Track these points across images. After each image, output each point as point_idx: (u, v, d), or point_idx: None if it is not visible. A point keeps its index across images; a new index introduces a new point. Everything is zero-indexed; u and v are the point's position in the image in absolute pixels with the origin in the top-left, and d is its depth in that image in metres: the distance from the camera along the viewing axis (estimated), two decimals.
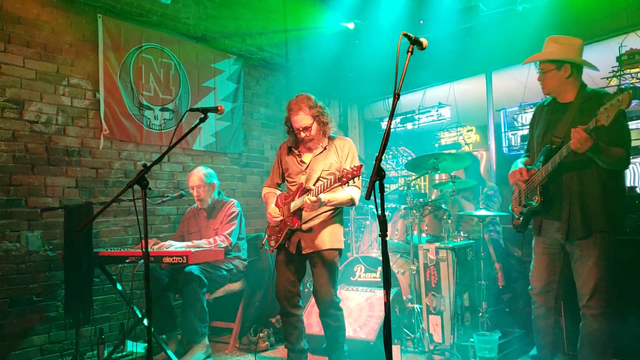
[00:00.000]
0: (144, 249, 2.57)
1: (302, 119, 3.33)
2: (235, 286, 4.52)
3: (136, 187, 2.59)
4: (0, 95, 4.00)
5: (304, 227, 3.38)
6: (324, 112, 3.39)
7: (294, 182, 3.49)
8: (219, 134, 5.71)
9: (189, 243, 4.11)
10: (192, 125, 2.91)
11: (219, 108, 2.92)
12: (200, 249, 3.77)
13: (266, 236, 3.57)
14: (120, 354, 4.02)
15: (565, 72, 2.93)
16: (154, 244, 4.08)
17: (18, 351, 3.97)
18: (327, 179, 3.22)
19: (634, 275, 3.26)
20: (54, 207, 4.12)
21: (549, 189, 2.96)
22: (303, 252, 3.40)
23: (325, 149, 3.43)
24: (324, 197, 3.16)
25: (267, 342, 4.45)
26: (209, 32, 5.67)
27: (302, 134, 3.38)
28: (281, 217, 3.40)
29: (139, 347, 4.16)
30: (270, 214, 3.46)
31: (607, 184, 2.85)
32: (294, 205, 3.31)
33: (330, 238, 3.38)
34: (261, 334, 4.44)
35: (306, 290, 4.85)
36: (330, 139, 3.48)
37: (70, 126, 4.43)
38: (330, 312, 3.39)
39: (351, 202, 3.37)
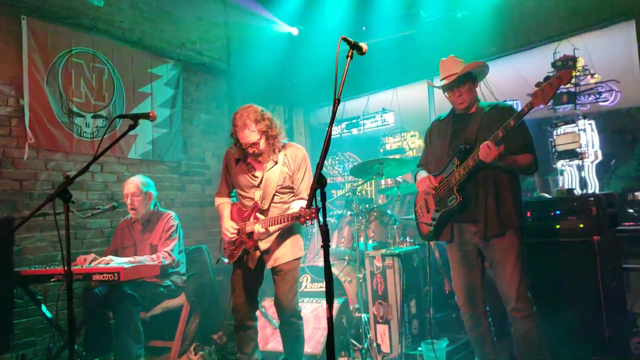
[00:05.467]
0: (65, 267, 2.36)
1: (249, 136, 3.16)
2: (174, 302, 4.26)
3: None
4: None
5: (262, 247, 3.30)
6: (273, 124, 3.24)
7: (248, 197, 3.36)
8: (155, 141, 5.45)
9: (131, 259, 3.83)
10: (122, 134, 2.72)
11: (151, 114, 2.73)
12: (137, 264, 3.53)
13: (221, 250, 3.46)
14: None
15: (476, 86, 3.14)
16: (92, 260, 3.75)
17: None
18: (283, 193, 3.28)
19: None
20: None
21: (466, 189, 2.99)
22: (267, 268, 3.33)
23: (276, 162, 3.30)
24: (272, 229, 3.18)
25: None
26: (145, 37, 5.41)
27: (250, 150, 3.24)
28: (237, 236, 3.31)
29: None
30: (226, 230, 3.34)
31: (516, 184, 3.02)
32: (249, 227, 3.23)
33: (292, 249, 3.32)
34: (202, 352, 4.23)
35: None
36: (282, 147, 3.33)
37: None
38: (292, 320, 3.31)
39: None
